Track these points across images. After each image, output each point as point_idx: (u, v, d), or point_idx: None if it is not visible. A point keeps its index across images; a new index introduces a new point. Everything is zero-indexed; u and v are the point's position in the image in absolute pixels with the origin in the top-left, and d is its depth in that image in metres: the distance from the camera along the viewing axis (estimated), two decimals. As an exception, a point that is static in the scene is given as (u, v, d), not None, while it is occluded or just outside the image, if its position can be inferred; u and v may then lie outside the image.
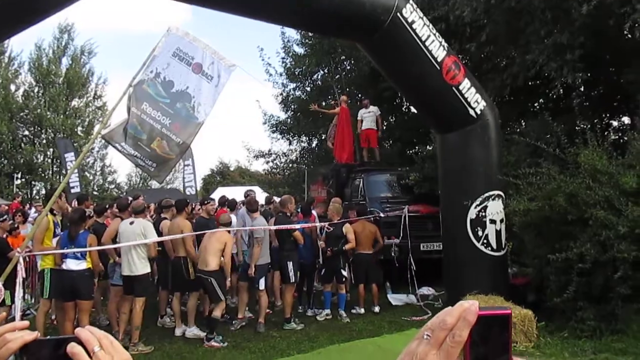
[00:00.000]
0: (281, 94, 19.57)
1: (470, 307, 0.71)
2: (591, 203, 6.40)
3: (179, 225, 7.36)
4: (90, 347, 0.83)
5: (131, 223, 6.88)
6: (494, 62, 11.13)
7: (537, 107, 11.67)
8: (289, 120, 19.59)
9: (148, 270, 6.94)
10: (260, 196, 15.70)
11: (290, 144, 20.30)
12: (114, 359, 0.84)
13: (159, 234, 7.46)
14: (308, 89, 19.26)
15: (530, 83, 10.44)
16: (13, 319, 5.87)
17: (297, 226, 8.24)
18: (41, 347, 0.86)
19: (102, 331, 0.88)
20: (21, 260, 5.75)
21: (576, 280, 6.32)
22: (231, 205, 9.63)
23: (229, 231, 7.44)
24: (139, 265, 6.73)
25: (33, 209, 10.43)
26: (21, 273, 5.75)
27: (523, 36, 9.28)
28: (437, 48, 7.50)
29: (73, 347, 0.83)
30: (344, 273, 8.32)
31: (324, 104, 17.40)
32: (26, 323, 0.93)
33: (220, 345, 6.85)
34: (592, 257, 6.19)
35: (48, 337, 0.91)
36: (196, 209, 9.94)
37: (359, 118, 13.16)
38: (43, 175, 35.33)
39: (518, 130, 11.09)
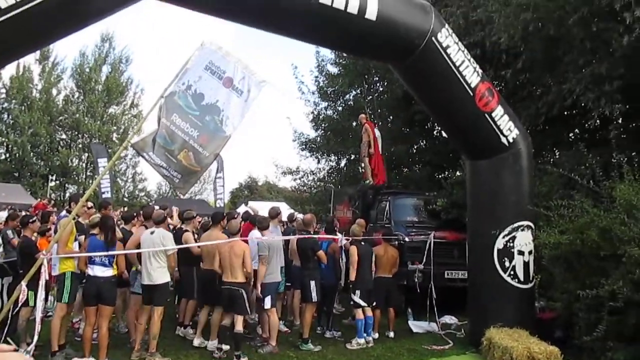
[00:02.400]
0: (312, 112, 19.68)
1: None
2: (625, 239, 6.14)
3: (216, 238, 7.41)
4: None
5: (152, 232, 6.96)
6: (529, 90, 10.92)
7: (572, 137, 11.35)
8: (318, 138, 19.63)
9: (167, 279, 6.93)
10: (286, 212, 15.63)
11: (318, 162, 20.34)
12: None
13: (181, 244, 7.47)
14: (340, 108, 19.30)
15: (566, 113, 10.18)
16: (34, 320, 5.94)
17: (324, 237, 8.26)
18: None
19: None
20: (45, 262, 5.83)
21: (607, 319, 6.06)
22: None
23: (245, 241, 7.34)
24: (158, 274, 6.74)
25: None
26: (44, 275, 5.81)
27: (560, 65, 9.08)
28: (472, 74, 7.41)
29: None
30: (354, 298, 7.97)
31: (353, 124, 17.34)
32: (11, 347, 0.91)
33: None
34: (624, 295, 5.92)
35: None
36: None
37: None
38: (77, 178, 36.32)
39: (552, 160, 10.82)
